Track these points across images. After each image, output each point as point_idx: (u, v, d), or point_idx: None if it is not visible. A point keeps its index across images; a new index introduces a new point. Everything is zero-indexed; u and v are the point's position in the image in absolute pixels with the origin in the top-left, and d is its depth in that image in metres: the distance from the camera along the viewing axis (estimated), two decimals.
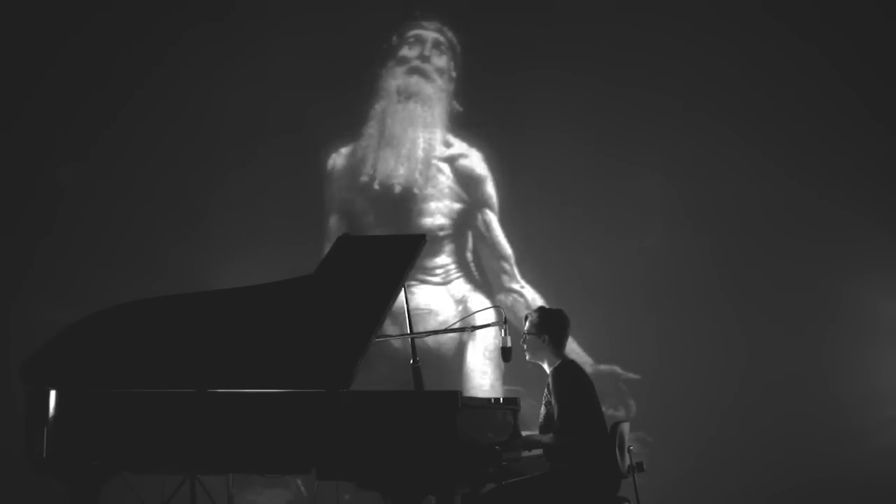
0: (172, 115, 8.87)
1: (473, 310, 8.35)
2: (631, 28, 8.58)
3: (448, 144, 8.96)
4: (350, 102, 8.97)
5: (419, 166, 8.89)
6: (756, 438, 8.10)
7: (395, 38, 9.08)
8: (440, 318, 8.59)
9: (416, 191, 8.85)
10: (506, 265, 8.78)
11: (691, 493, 8.13)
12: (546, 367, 5.35)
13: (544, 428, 5.31)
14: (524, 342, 5.40)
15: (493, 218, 8.84)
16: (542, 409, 5.35)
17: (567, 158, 8.64)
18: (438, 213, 8.83)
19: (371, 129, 8.99)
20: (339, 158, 9.04)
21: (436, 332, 6.84)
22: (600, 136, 8.61)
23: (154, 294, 5.51)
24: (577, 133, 8.62)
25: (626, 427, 5.36)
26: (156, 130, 8.87)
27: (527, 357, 5.41)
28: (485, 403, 5.56)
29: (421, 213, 8.82)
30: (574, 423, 5.14)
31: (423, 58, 9.02)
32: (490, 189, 8.87)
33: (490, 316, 7.51)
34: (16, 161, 8.81)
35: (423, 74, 9.00)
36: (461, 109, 8.97)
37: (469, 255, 8.87)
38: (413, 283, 8.44)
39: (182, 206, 8.82)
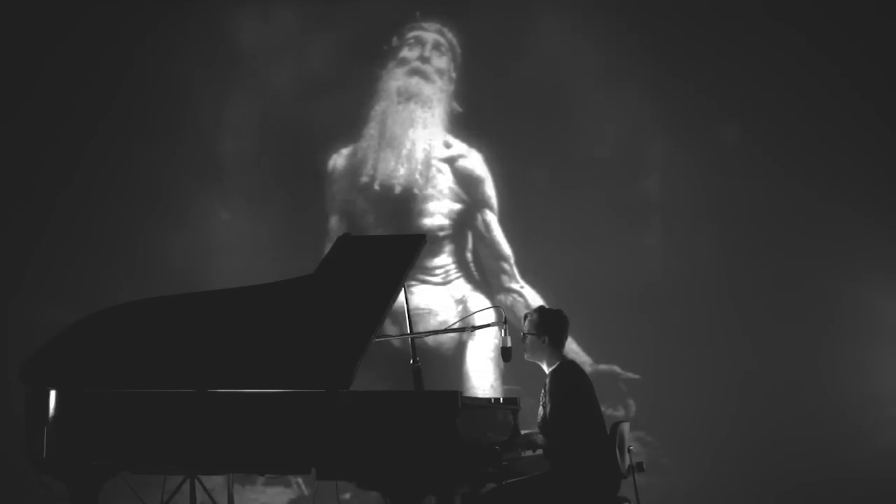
0: (173, 116, 8.87)
1: (473, 310, 8.35)
2: (630, 28, 8.58)
3: (448, 145, 8.96)
4: (350, 103, 8.97)
5: (419, 167, 8.89)
6: (756, 437, 8.09)
7: (395, 40, 9.08)
8: (440, 319, 8.59)
9: (416, 191, 8.85)
10: (505, 265, 8.78)
11: (691, 494, 8.13)
12: (545, 367, 5.35)
13: (542, 428, 5.31)
14: (524, 342, 5.39)
15: (492, 218, 8.84)
16: (540, 409, 5.35)
17: (567, 158, 8.64)
18: (438, 213, 8.84)
19: (371, 129, 8.99)
20: (339, 159, 9.05)
21: (436, 332, 6.83)
22: (600, 136, 8.61)
23: (154, 294, 5.51)
24: (576, 132, 8.62)
25: (626, 427, 5.35)
26: (156, 130, 8.87)
27: (526, 357, 5.40)
28: (485, 403, 5.57)
29: (421, 214, 8.82)
30: (562, 426, 5.13)
31: (424, 59, 9.02)
32: (490, 189, 8.87)
33: (490, 316, 7.50)
34: (14, 160, 8.80)
35: (423, 75, 9.00)
36: (461, 110, 8.97)
37: (469, 256, 8.87)
38: (413, 283, 8.44)
39: (182, 205, 8.82)
